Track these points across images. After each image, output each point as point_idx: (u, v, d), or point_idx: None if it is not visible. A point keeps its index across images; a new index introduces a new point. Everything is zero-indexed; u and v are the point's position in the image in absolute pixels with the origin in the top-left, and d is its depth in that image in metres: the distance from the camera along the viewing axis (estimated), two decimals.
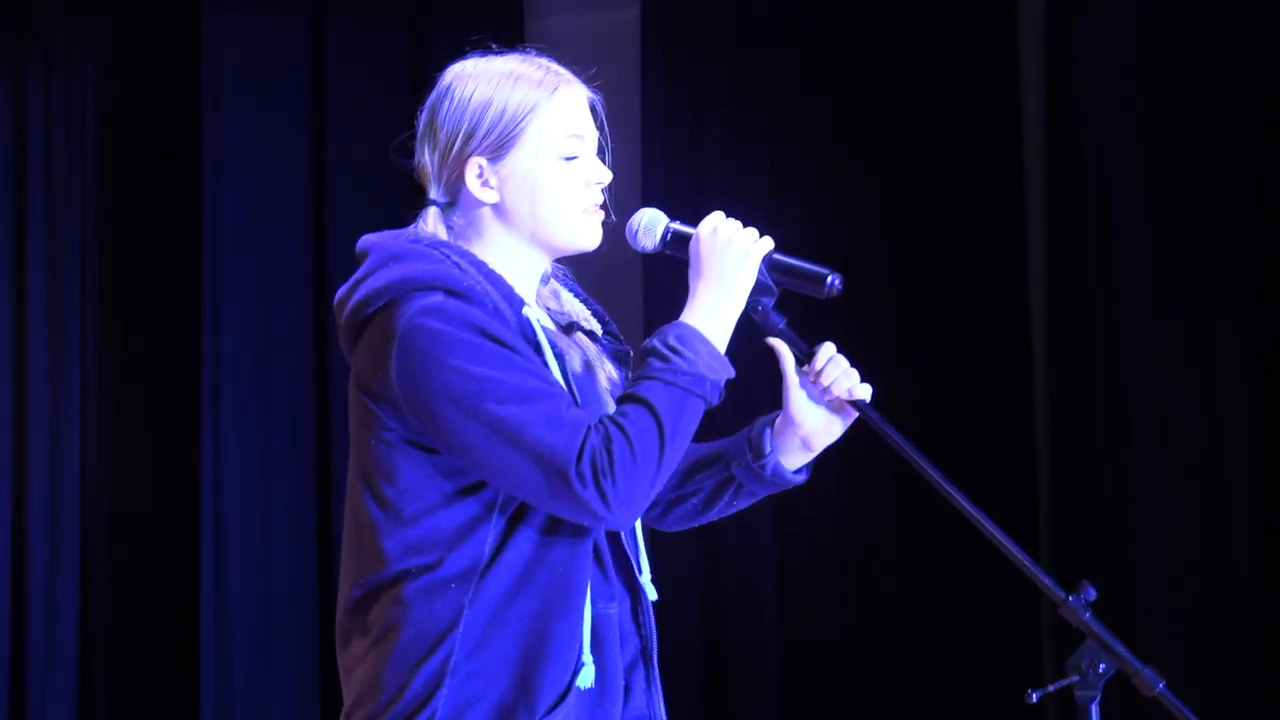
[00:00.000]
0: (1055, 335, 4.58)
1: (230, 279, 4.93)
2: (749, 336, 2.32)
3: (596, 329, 2.40)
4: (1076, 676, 2.01)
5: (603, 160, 2.32)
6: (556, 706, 2.13)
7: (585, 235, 2.29)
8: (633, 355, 2.32)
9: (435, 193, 2.29)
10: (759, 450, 2.36)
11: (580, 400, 2.18)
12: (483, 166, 2.25)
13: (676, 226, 2.33)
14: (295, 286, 4.98)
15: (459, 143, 2.25)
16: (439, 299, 2.13)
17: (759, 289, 2.27)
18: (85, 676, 4.94)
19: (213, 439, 4.86)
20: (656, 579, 2.32)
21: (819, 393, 2.34)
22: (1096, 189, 4.47)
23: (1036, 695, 2.02)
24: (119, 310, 5.03)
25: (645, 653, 2.28)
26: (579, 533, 2.17)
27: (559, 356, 2.20)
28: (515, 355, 2.13)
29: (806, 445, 2.36)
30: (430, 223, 2.27)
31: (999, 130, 4.63)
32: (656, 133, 4.89)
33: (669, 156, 4.86)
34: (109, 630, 4.96)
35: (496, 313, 2.15)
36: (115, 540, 4.98)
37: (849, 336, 4.41)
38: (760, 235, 2.27)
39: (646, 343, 2.21)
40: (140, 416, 5.03)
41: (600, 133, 2.32)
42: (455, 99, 2.27)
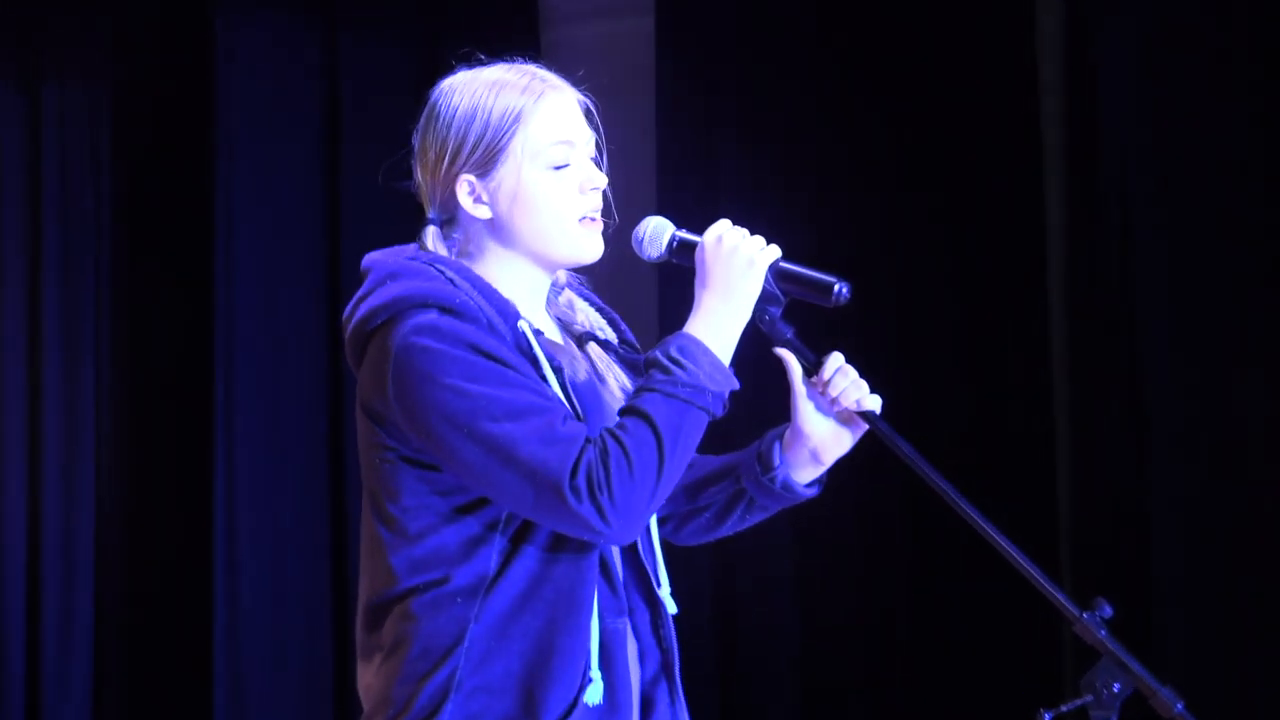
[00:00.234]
0: (1075, 340, 4.52)
1: (243, 288, 4.92)
2: (757, 345, 2.27)
3: (612, 338, 2.37)
4: (1091, 696, 1.98)
5: (600, 164, 2.26)
6: None
7: (583, 246, 2.24)
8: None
9: (432, 211, 2.26)
10: (768, 463, 2.33)
11: (584, 412, 2.15)
12: (473, 183, 2.21)
13: (682, 235, 2.28)
14: (308, 295, 4.97)
15: (447, 160, 2.22)
16: (433, 316, 2.11)
17: (766, 298, 2.22)
18: (99, 682, 4.96)
19: (225, 449, 4.85)
20: (673, 590, 2.29)
21: (827, 404, 2.29)
22: (1117, 191, 4.41)
23: (1049, 716, 1.97)
24: (133, 320, 5.04)
25: (667, 666, 2.26)
26: (584, 548, 2.14)
27: (557, 369, 2.16)
28: (510, 370, 2.10)
29: (816, 458, 2.32)
30: (429, 242, 2.24)
31: (1017, 132, 4.57)
32: (672, 141, 4.85)
33: (684, 164, 4.82)
34: (122, 637, 4.97)
35: (491, 328, 2.12)
36: (129, 548, 4.99)
37: (866, 343, 4.45)
38: (767, 243, 2.22)
39: (649, 353, 2.17)
40: (154, 425, 5.04)
41: (596, 135, 2.27)
42: (441, 115, 2.23)
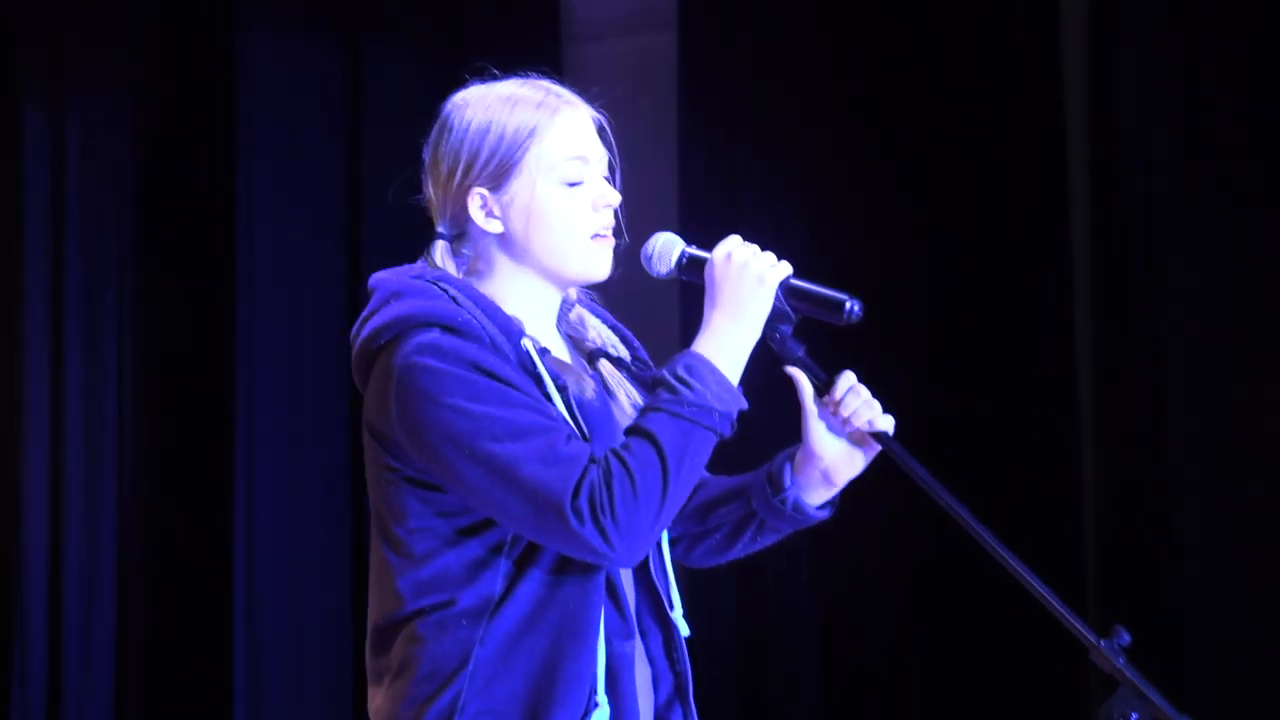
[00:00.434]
0: (1100, 350, 4.43)
1: (264, 295, 4.94)
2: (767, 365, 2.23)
3: (624, 354, 2.33)
4: None
5: (612, 182, 2.24)
6: None
7: (594, 263, 2.21)
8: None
9: (442, 226, 2.24)
10: (778, 485, 2.28)
11: (591, 431, 2.12)
12: (485, 196, 2.19)
13: (692, 251, 2.25)
14: (329, 307, 4.98)
15: (459, 174, 2.20)
16: (435, 335, 2.08)
17: (777, 316, 2.17)
18: (120, 691, 4.99)
19: (246, 463, 4.87)
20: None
21: (839, 424, 2.25)
22: (1142, 197, 4.33)
23: None
24: (154, 325, 5.08)
25: (681, 690, 2.22)
26: (590, 571, 2.11)
27: (562, 387, 2.12)
28: (512, 390, 2.07)
29: (828, 479, 2.27)
30: (437, 257, 2.22)
31: (1040, 141, 4.51)
32: (694, 157, 4.81)
33: (706, 180, 4.79)
34: (143, 645, 5.00)
35: (494, 346, 2.09)
36: (150, 558, 5.02)
37: (891, 354, 4.39)
38: (778, 259, 2.18)
39: (657, 371, 2.14)
40: (175, 428, 5.08)
41: (610, 153, 2.24)
42: (454, 129, 2.22)
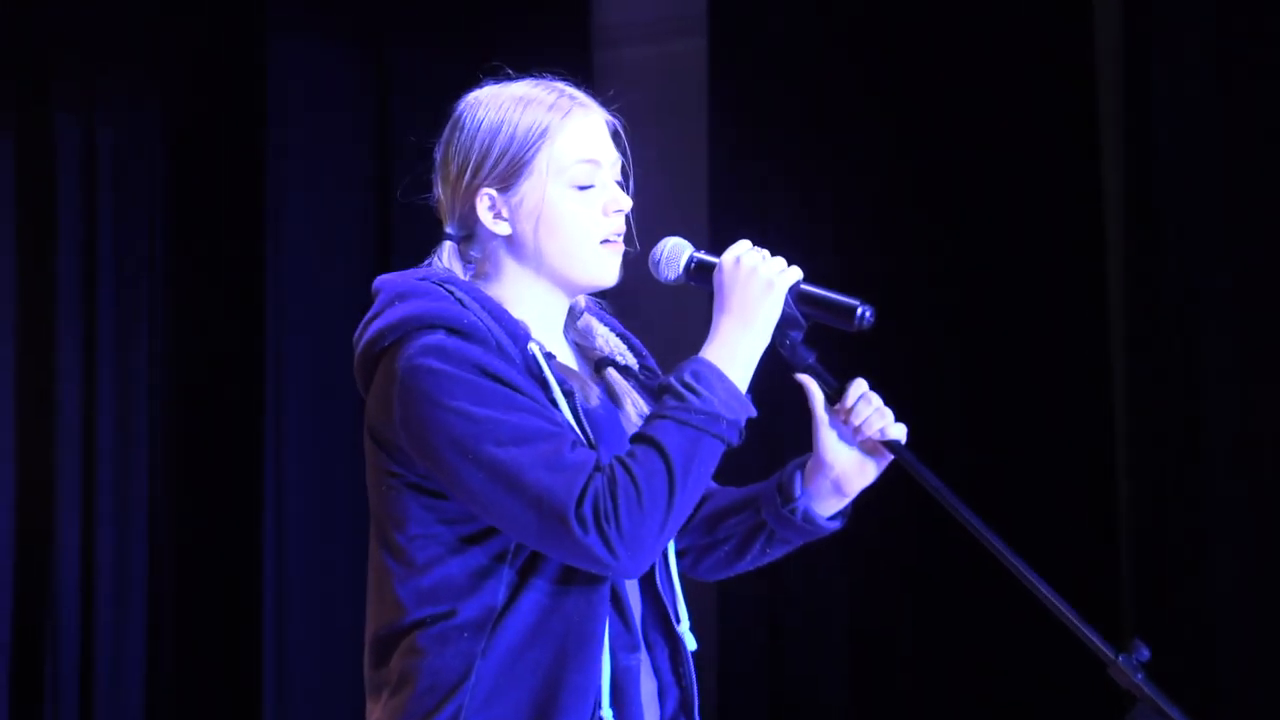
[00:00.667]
0: (1133, 357, 4.36)
1: (294, 304, 4.92)
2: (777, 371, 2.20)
3: (632, 363, 2.29)
4: None
5: (625, 188, 2.20)
6: None
7: (602, 269, 2.17)
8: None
9: (450, 227, 2.21)
10: (788, 494, 2.24)
11: (596, 439, 2.08)
12: (493, 197, 2.16)
13: (701, 256, 2.21)
14: (358, 312, 4.89)
15: (469, 173, 2.17)
16: (440, 337, 2.05)
17: (787, 322, 2.14)
18: (151, 691, 4.98)
19: (275, 464, 4.87)
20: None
21: (850, 433, 2.21)
22: (1175, 204, 4.27)
23: None
24: (185, 336, 5.08)
25: (685, 705, 2.19)
26: (594, 581, 2.06)
27: (568, 393, 2.08)
28: (517, 394, 2.03)
29: (839, 489, 2.23)
30: (445, 258, 2.19)
31: (1074, 150, 4.45)
32: (724, 159, 4.78)
33: (736, 184, 4.76)
34: (174, 645, 5.00)
35: (500, 350, 2.05)
36: (180, 559, 5.02)
37: (927, 363, 4.33)
38: (790, 264, 2.15)
39: (664, 378, 2.10)
40: (205, 438, 5.07)
41: (624, 158, 2.21)
42: (465, 128, 2.19)
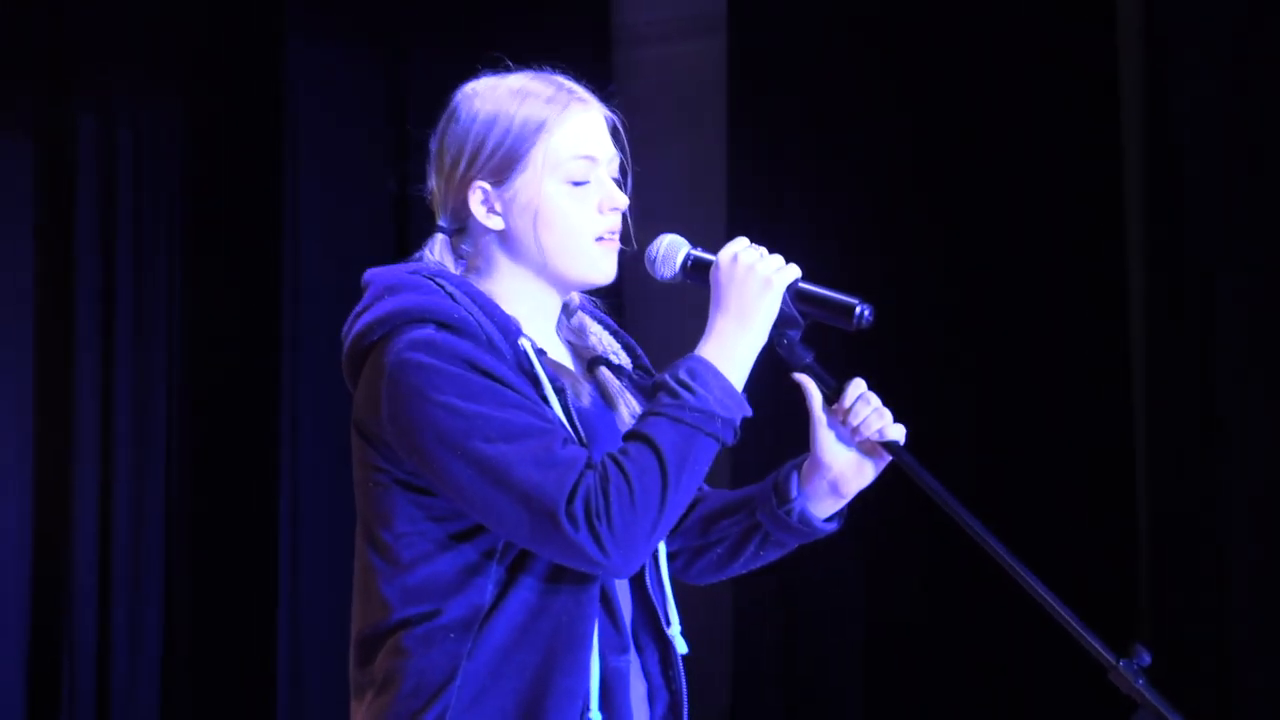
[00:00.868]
0: (1153, 354, 4.29)
1: (310, 305, 4.92)
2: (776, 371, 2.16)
3: (626, 362, 2.26)
4: None
5: (622, 185, 2.17)
6: None
7: (596, 267, 2.13)
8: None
9: (443, 219, 2.16)
10: (784, 495, 2.20)
11: (587, 437, 2.05)
12: (486, 191, 2.12)
13: (697, 253, 2.17)
14: None
15: (462, 166, 2.13)
16: (429, 331, 2.01)
17: (784, 320, 2.10)
18: (167, 693, 4.98)
19: (291, 466, 4.87)
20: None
21: (848, 434, 2.17)
22: (1198, 207, 4.21)
23: None
24: (203, 337, 5.08)
25: (675, 708, 2.16)
26: (584, 581, 2.03)
27: (559, 390, 2.05)
28: (507, 390, 1.99)
29: (836, 490, 2.19)
30: (436, 251, 2.14)
31: (1095, 150, 4.40)
32: (743, 159, 4.75)
33: (755, 184, 4.73)
34: (190, 647, 5.01)
35: (490, 345, 2.02)
36: (197, 560, 5.04)
37: (947, 363, 4.28)
38: (787, 262, 2.11)
39: (659, 376, 2.06)
40: (222, 439, 5.09)
41: (622, 155, 2.17)
42: (461, 119, 2.15)
